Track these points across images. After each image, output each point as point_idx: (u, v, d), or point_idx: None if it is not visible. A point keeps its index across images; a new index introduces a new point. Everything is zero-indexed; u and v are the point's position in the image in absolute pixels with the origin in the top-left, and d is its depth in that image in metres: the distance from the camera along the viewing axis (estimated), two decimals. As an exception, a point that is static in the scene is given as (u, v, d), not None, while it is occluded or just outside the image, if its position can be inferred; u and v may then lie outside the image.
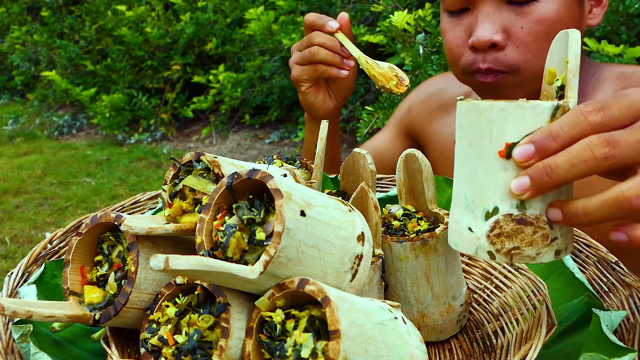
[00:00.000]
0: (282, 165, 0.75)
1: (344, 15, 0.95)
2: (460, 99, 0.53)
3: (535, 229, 0.48)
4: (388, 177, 0.92)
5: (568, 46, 0.50)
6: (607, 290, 0.68)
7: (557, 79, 0.52)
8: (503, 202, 0.48)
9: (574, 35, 0.50)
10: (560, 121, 0.47)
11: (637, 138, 0.46)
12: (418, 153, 0.68)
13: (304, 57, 0.95)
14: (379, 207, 0.61)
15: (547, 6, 0.81)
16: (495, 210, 0.48)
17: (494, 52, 0.83)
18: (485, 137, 0.48)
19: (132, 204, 0.82)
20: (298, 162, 0.78)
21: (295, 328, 0.46)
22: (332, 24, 0.93)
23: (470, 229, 0.50)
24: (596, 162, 0.45)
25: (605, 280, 0.69)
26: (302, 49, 0.96)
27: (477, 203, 0.50)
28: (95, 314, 0.53)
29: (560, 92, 0.52)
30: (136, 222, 0.52)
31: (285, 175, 0.61)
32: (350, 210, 0.54)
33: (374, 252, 0.62)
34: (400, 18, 1.63)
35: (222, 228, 0.49)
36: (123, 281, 0.54)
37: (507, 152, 0.48)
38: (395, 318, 0.51)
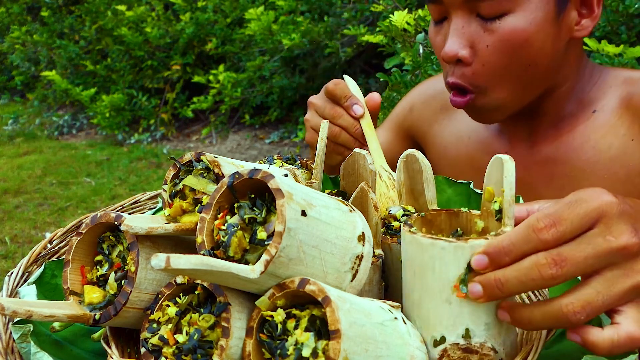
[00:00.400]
0: (282, 165, 0.75)
1: (375, 97, 0.86)
2: (405, 221, 0.56)
3: (481, 356, 0.52)
4: (388, 177, 0.92)
5: (503, 176, 0.52)
6: (607, 290, 0.68)
7: (495, 201, 0.54)
8: (449, 332, 0.52)
9: (508, 165, 0.51)
10: (513, 236, 0.49)
11: (585, 255, 0.47)
12: (418, 154, 0.68)
13: None
14: (379, 207, 0.61)
15: (514, 24, 0.78)
16: (443, 339, 0.52)
17: (461, 67, 0.82)
18: (429, 271, 0.51)
19: (132, 204, 0.82)
20: (298, 162, 0.78)
21: (296, 327, 0.46)
22: (358, 110, 0.85)
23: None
24: (543, 281, 0.48)
25: (605, 280, 0.69)
26: (322, 116, 0.88)
27: (425, 330, 0.53)
28: (95, 314, 0.53)
29: (499, 215, 0.53)
30: (136, 222, 0.52)
31: (286, 175, 0.61)
32: (350, 211, 0.54)
33: (374, 252, 0.62)
34: (400, 18, 1.63)
35: (223, 227, 0.49)
36: (123, 281, 0.54)
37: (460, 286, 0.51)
38: (396, 318, 0.51)
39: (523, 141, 0.94)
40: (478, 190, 0.82)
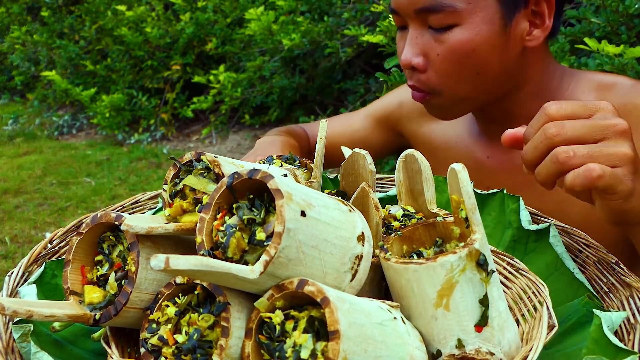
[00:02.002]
0: (282, 165, 0.75)
1: None
2: (381, 246, 0.58)
3: None
4: (388, 177, 0.92)
5: (460, 186, 0.53)
6: (607, 290, 0.68)
7: (461, 209, 0.55)
8: (443, 346, 0.53)
9: (462, 175, 0.53)
10: (531, 122, 0.62)
11: (582, 123, 0.59)
12: (417, 154, 0.68)
13: None
14: (380, 207, 0.61)
15: (460, 36, 0.83)
16: (439, 352, 0.53)
17: (417, 73, 0.87)
18: (409, 293, 0.53)
19: (132, 204, 0.82)
20: (297, 161, 0.78)
21: (294, 329, 0.46)
22: None
23: None
24: (547, 140, 0.59)
25: (605, 280, 0.69)
26: None
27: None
28: (95, 314, 0.53)
29: (467, 222, 0.55)
30: (137, 222, 0.52)
31: (285, 175, 0.61)
32: (350, 211, 0.54)
33: (374, 252, 0.62)
34: (401, 18, 1.62)
35: (222, 228, 0.49)
36: (123, 281, 0.54)
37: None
38: (395, 318, 0.51)
39: (502, 146, 0.95)
40: (478, 191, 0.82)
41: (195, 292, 0.51)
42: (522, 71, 0.89)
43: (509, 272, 0.69)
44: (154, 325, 0.51)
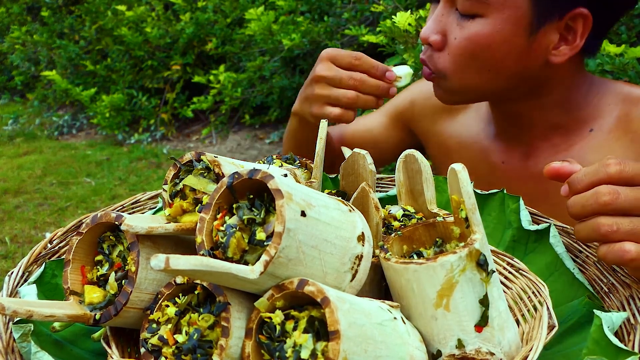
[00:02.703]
0: (282, 165, 0.75)
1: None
2: (381, 246, 0.58)
3: None
4: (388, 177, 0.92)
5: (460, 187, 0.53)
6: (607, 291, 0.68)
7: (462, 209, 0.55)
8: (443, 346, 0.53)
9: (462, 175, 0.53)
10: (586, 169, 0.60)
11: (636, 196, 0.57)
12: (417, 154, 0.68)
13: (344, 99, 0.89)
14: (380, 207, 0.61)
15: (481, 27, 0.80)
16: (439, 353, 0.53)
17: (432, 50, 0.86)
18: (410, 293, 0.53)
19: (132, 204, 0.82)
20: (298, 161, 0.78)
21: (294, 329, 0.46)
22: (391, 75, 0.90)
23: None
24: (598, 206, 0.58)
25: (605, 281, 0.69)
26: (345, 86, 0.89)
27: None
28: (95, 314, 0.53)
29: (467, 222, 0.55)
30: (137, 222, 0.52)
31: (285, 175, 0.61)
32: (350, 211, 0.54)
33: (374, 252, 0.62)
34: (403, 19, 1.62)
35: (222, 228, 0.49)
36: (123, 281, 0.54)
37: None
38: (395, 318, 0.51)
39: (518, 152, 0.95)
40: (478, 191, 0.82)
41: (196, 292, 0.51)
42: (545, 82, 0.87)
43: (509, 272, 0.69)
44: (154, 325, 0.51)
